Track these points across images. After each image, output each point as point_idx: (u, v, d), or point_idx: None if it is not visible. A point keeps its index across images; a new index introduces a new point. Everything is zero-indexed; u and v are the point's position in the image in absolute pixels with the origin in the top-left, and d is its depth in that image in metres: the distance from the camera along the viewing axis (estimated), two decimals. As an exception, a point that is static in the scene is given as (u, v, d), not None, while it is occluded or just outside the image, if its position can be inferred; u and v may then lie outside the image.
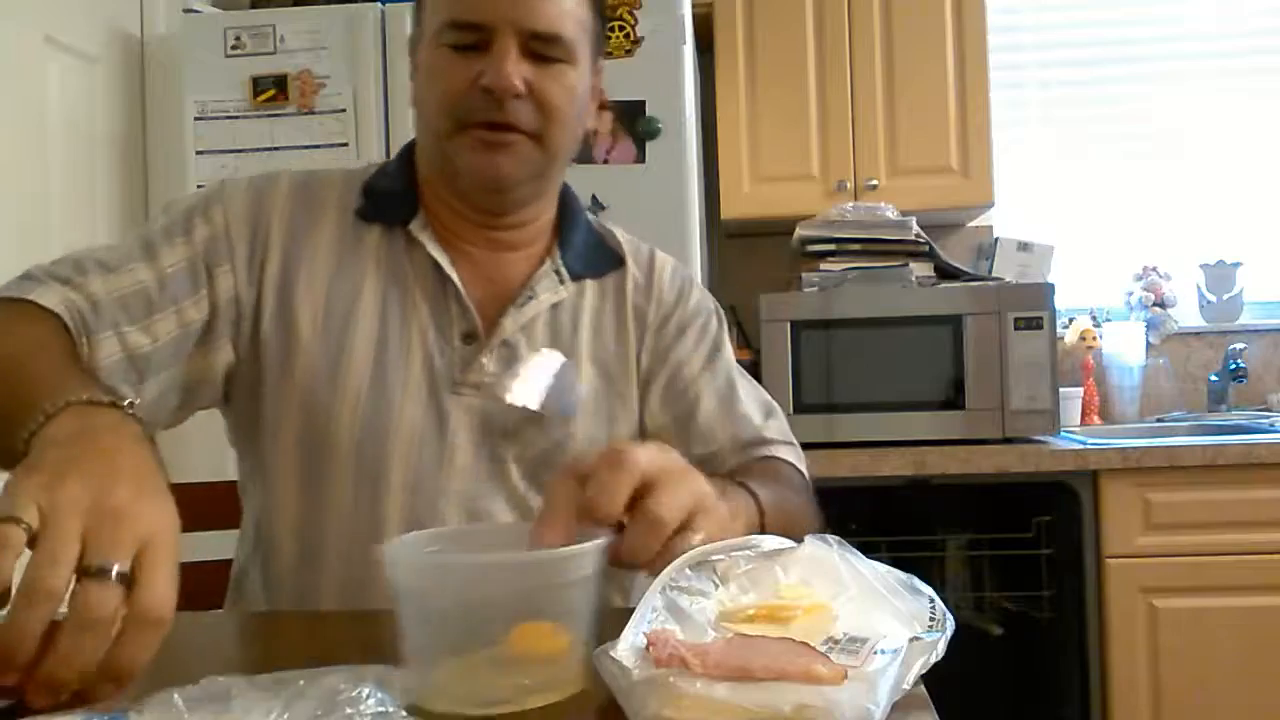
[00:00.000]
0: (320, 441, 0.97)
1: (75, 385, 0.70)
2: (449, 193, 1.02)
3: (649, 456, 0.68)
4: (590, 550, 0.62)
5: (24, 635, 0.51)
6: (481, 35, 0.94)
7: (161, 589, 0.55)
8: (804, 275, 2.38)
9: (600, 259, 1.10)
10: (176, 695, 0.52)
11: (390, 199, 1.03)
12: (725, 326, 1.16)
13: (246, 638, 0.87)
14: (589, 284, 1.08)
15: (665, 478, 0.68)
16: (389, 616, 0.61)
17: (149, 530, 0.56)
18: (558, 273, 1.05)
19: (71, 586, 0.53)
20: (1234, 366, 2.60)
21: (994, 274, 2.48)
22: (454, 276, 1.00)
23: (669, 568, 0.64)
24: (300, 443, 0.98)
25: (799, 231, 2.41)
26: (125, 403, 0.70)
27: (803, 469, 1.10)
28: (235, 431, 1.05)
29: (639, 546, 0.66)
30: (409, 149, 1.08)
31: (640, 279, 1.10)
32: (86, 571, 0.53)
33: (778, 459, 1.08)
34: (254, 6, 2.39)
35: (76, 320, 0.88)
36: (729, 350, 1.14)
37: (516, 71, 0.93)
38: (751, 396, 1.12)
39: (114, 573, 0.53)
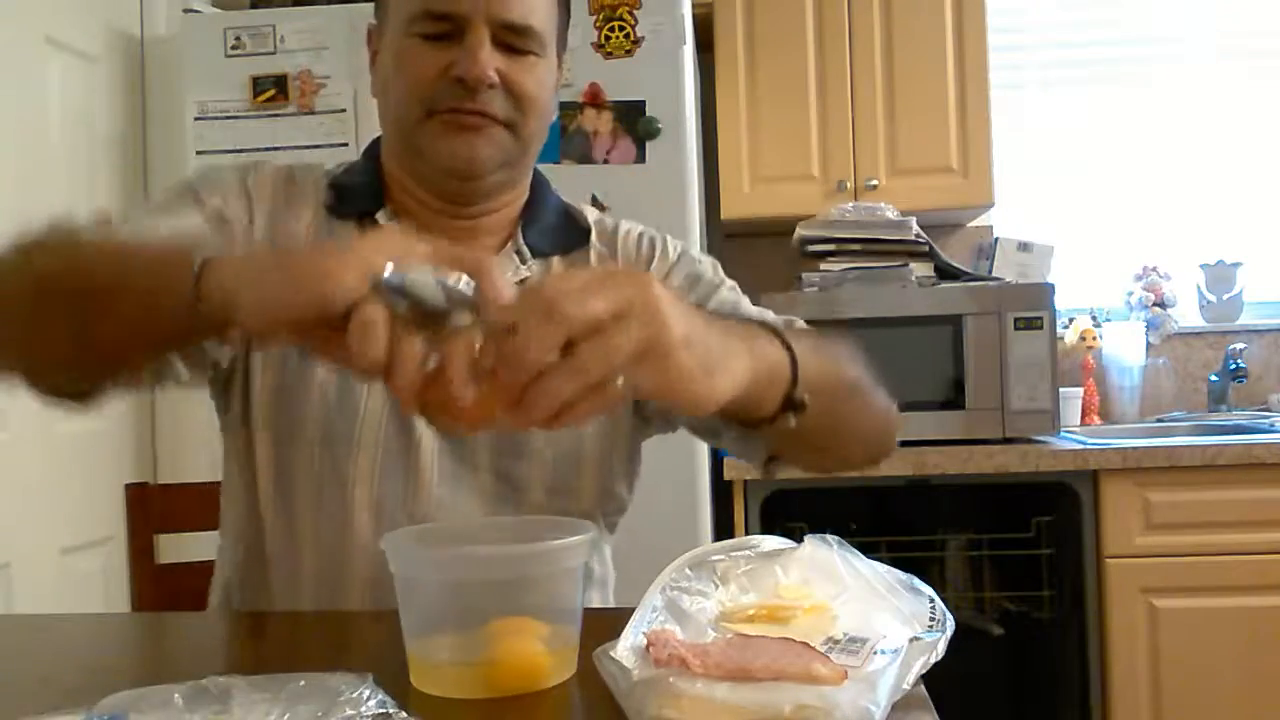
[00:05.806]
0: (289, 435, 0.96)
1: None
2: (415, 183, 1.01)
3: (582, 305, 0.56)
4: (577, 544, 0.64)
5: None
6: (454, 25, 0.93)
7: None
8: (804, 275, 2.38)
9: (568, 235, 1.07)
10: (176, 695, 0.52)
11: (355, 192, 1.03)
12: (720, 272, 1.09)
13: (245, 638, 0.87)
14: (556, 262, 1.06)
15: (599, 328, 0.57)
16: (385, 615, 0.61)
17: None
18: (519, 253, 1.03)
19: None
20: (1234, 366, 2.60)
21: (994, 274, 2.47)
22: None
23: (669, 568, 0.64)
24: (274, 439, 0.97)
25: (799, 231, 2.40)
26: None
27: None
28: (224, 433, 1.04)
29: (538, 393, 0.56)
30: (375, 145, 1.07)
31: (604, 251, 1.08)
32: None
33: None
34: (254, 6, 2.39)
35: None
36: (728, 290, 1.07)
37: (490, 62, 0.93)
38: (761, 314, 1.03)
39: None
